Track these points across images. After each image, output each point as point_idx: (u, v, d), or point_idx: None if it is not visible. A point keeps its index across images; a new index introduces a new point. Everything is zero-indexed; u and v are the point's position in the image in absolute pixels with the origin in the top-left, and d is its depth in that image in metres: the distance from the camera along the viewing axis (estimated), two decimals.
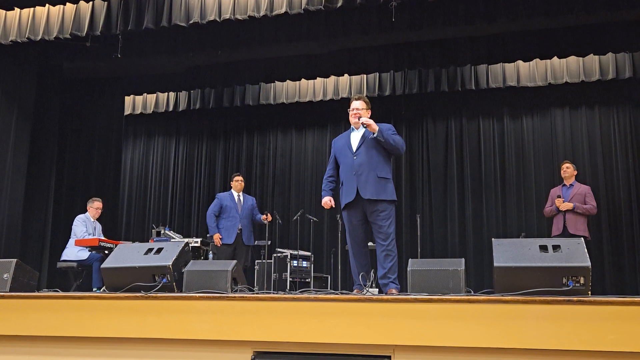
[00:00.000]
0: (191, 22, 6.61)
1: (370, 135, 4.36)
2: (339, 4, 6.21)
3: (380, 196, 4.27)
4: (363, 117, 4.41)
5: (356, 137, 4.47)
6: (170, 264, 3.55)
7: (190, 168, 10.39)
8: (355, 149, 4.41)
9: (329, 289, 7.81)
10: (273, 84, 9.09)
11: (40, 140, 8.08)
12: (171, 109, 9.72)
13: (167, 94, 9.67)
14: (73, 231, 6.67)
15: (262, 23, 6.98)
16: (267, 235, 7.33)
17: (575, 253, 3.02)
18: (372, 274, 4.28)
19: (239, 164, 10.08)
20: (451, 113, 9.12)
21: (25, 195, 7.61)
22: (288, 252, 7.87)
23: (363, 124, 4.34)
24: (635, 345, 2.56)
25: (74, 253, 6.47)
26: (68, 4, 6.89)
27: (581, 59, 7.94)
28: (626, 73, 7.81)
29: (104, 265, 3.72)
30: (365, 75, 8.72)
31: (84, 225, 6.68)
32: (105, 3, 6.84)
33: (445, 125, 9.16)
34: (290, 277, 7.67)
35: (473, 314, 2.76)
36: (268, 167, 9.97)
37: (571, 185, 6.51)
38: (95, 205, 6.91)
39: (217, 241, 6.61)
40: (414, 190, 9.11)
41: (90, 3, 6.88)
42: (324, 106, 9.23)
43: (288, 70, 8.44)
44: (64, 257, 6.55)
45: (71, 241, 6.59)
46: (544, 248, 3.09)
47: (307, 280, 7.87)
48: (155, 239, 7.33)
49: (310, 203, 9.39)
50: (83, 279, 6.57)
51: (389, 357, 2.86)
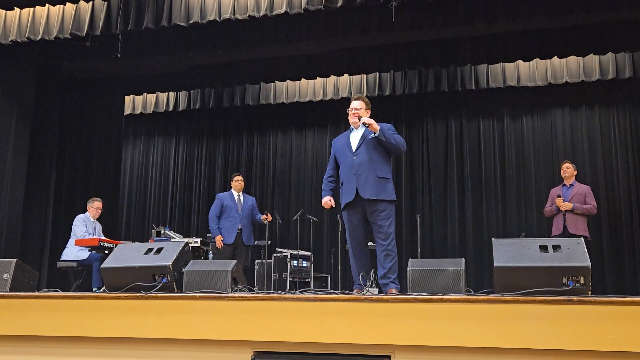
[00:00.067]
0: (191, 22, 6.62)
1: (371, 134, 4.36)
2: (339, 4, 6.21)
3: (380, 196, 4.27)
4: (364, 117, 4.41)
5: (356, 137, 4.47)
6: (170, 263, 3.55)
7: (190, 168, 10.39)
8: (355, 149, 4.41)
9: (329, 289, 7.80)
10: (273, 83, 9.09)
11: (40, 140, 8.08)
12: (171, 108, 9.72)
13: (167, 93, 9.67)
14: (73, 231, 6.67)
15: (262, 23, 6.98)
16: (267, 235, 7.33)
17: (575, 253, 3.02)
18: (372, 273, 4.28)
19: (239, 164, 10.08)
20: (451, 113, 9.12)
21: (25, 195, 7.61)
22: (288, 252, 7.87)
23: (364, 123, 4.34)
24: (635, 345, 2.56)
25: (73, 253, 6.46)
26: (68, 3, 6.88)
27: (581, 58, 7.94)
28: (626, 73, 7.80)
29: (104, 265, 3.72)
30: (365, 75, 8.71)
31: (84, 225, 6.68)
32: (105, 3, 6.84)
33: (445, 125, 9.16)
34: (290, 277, 7.68)
35: (473, 314, 2.76)
36: (268, 167, 9.97)
37: (571, 185, 6.51)
38: (95, 205, 6.91)
39: (219, 243, 6.58)
40: (414, 190, 9.11)
41: (90, 3, 6.88)
42: (324, 106, 9.23)
43: (288, 70, 8.44)
44: (64, 257, 6.54)
45: (71, 241, 6.58)
46: (544, 248, 3.09)
47: (307, 280, 7.87)
48: (155, 239, 7.33)
49: (310, 203, 9.38)
50: (83, 278, 6.57)
51: (389, 357, 2.86)
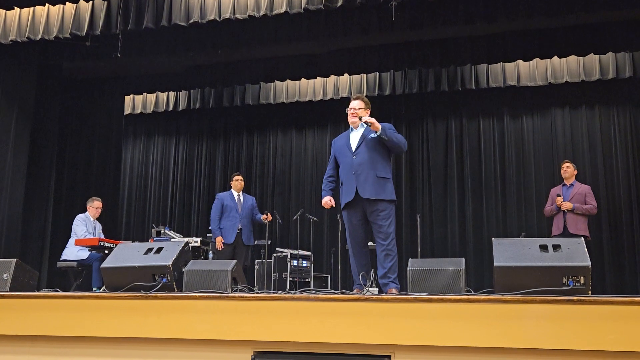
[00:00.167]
0: (191, 22, 6.62)
1: (372, 134, 4.36)
2: (339, 4, 6.20)
3: (380, 196, 4.27)
4: (365, 116, 4.39)
5: (355, 137, 4.46)
6: (170, 263, 3.55)
7: (190, 168, 10.39)
8: (354, 149, 4.41)
9: (329, 289, 7.80)
10: (273, 83, 9.09)
11: (40, 140, 8.08)
12: (171, 108, 9.72)
13: (167, 93, 9.67)
14: (73, 231, 6.67)
15: (262, 23, 6.97)
16: (267, 235, 7.33)
17: (576, 253, 3.02)
18: (372, 273, 4.28)
19: (239, 164, 10.08)
20: (451, 113, 9.12)
21: (25, 195, 7.61)
22: (288, 252, 7.87)
23: (366, 122, 4.32)
24: (635, 345, 2.55)
25: (74, 253, 6.46)
26: (68, 3, 6.88)
27: (581, 58, 7.94)
28: (626, 72, 7.80)
29: (103, 265, 3.72)
30: (365, 75, 8.71)
31: (84, 225, 6.68)
32: (105, 2, 6.84)
33: (445, 125, 9.15)
34: (290, 277, 7.68)
35: (473, 313, 2.76)
36: (268, 167, 9.97)
37: (571, 185, 6.51)
38: (95, 205, 6.91)
39: (219, 245, 6.57)
40: (414, 190, 9.10)
41: (90, 2, 6.88)
42: (324, 106, 9.23)
43: (288, 70, 8.43)
44: (64, 257, 6.54)
45: (71, 241, 6.59)
46: (544, 248, 3.09)
47: (307, 280, 7.87)
48: (155, 239, 7.33)
49: (310, 203, 9.38)
50: (83, 278, 6.58)
51: (389, 357, 2.86)
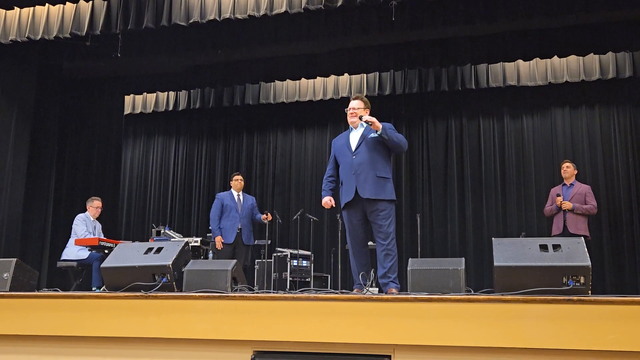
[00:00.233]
0: (191, 22, 6.62)
1: (372, 134, 4.35)
2: (339, 4, 6.20)
3: (380, 196, 4.27)
4: (366, 115, 4.38)
5: (355, 137, 4.46)
6: (170, 263, 3.55)
7: (190, 168, 10.39)
8: (354, 149, 4.40)
9: (329, 289, 7.80)
10: (273, 83, 9.09)
11: (40, 140, 8.08)
12: (171, 108, 9.72)
13: (167, 93, 9.67)
14: (73, 230, 6.66)
15: (262, 22, 6.97)
16: (267, 234, 7.33)
17: (576, 252, 3.02)
18: (372, 273, 4.28)
19: (239, 164, 10.08)
20: (451, 113, 9.12)
21: (25, 195, 7.61)
22: (288, 252, 7.87)
23: (367, 121, 4.32)
24: (635, 345, 2.55)
25: (74, 252, 6.46)
26: (68, 3, 6.88)
27: (581, 58, 7.94)
28: (626, 72, 7.80)
29: (103, 265, 3.71)
30: (365, 75, 8.71)
31: (84, 225, 6.68)
32: (105, 2, 6.84)
33: (445, 125, 9.16)
34: (290, 277, 7.68)
35: (473, 313, 2.76)
36: (268, 167, 9.97)
37: (571, 184, 6.51)
38: (94, 205, 6.91)
39: (219, 244, 6.57)
40: (414, 190, 9.10)
41: (90, 2, 6.88)
42: (324, 106, 9.22)
43: (288, 70, 8.43)
44: (64, 257, 6.54)
45: (71, 240, 6.58)
46: (544, 247, 3.08)
47: (307, 279, 7.88)
48: (155, 239, 7.33)
49: (310, 203, 9.38)
50: (83, 278, 6.58)
51: (389, 357, 2.86)
